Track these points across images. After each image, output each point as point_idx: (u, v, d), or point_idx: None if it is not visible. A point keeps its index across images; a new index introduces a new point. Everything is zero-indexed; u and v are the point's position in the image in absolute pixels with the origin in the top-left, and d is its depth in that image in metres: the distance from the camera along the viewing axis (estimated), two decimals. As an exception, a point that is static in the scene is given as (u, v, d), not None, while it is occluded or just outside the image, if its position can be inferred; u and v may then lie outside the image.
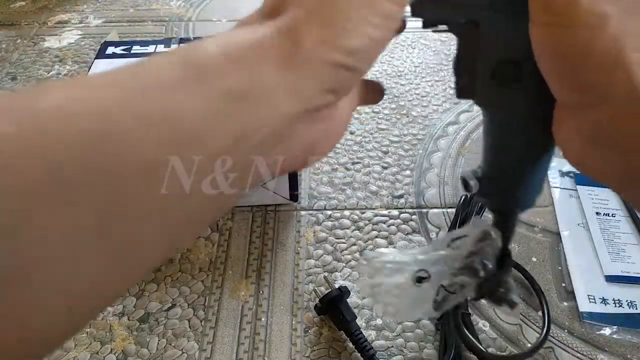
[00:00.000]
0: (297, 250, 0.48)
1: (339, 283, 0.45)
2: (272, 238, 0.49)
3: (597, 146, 0.20)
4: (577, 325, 0.42)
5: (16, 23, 0.82)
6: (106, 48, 0.62)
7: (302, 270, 0.47)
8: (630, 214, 0.50)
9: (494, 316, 0.43)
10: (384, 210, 0.52)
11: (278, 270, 0.47)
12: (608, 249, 0.47)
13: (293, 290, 0.45)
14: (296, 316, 0.43)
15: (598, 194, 0.52)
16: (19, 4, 0.87)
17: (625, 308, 0.43)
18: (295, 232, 0.50)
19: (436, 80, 0.68)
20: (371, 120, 0.62)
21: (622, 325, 0.42)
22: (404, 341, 0.41)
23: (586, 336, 0.41)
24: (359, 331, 0.39)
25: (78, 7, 0.85)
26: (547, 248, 0.48)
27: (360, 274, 0.42)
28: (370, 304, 0.44)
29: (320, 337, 0.42)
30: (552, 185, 0.53)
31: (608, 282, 0.44)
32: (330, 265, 0.47)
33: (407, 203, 0.52)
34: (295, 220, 0.51)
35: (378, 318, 0.43)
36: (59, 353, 0.40)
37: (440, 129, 0.61)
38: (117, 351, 0.41)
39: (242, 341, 0.42)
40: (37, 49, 0.76)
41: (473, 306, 0.43)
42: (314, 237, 0.49)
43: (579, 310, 0.43)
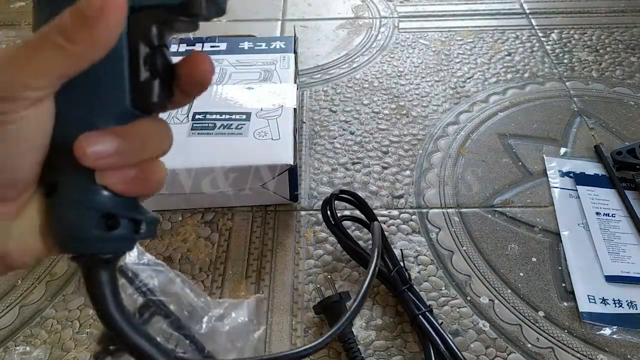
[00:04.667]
0: (297, 251, 0.48)
1: (339, 284, 0.45)
2: (272, 238, 0.49)
3: None
4: (577, 326, 0.42)
5: (16, 23, 0.82)
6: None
7: (302, 270, 0.47)
8: (630, 214, 0.50)
9: (493, 316, 0.43)
10: (384, 211, 0.52)
11: (278, 271, 0.47)
12: (608, 249, 0.47)
13: (293, 291, 0.45)
14: (296, 316, 0.43)
15: (598, 194, 0.52)
16: (18, 4, 0.87)
17: (625, 308, 0.43)
18: (295, 232, 0.50)
19: (436, 80, 0.68)
20: (371, 121, 0.62)
21: (622, 325, 0.42)
22: (403, 341, 0.41)
23: (586, 336, 0.41)
24: (353, 339, 0.39)
25: (78, 7, 0.85)
26: (547, 248, 0.48)
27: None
28: (371, 305, 0.44)
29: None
30: (552, 186, 0.53)
31: (608, 282, 0.44)
32: (330, 265, 0.47)
33: (407, 203, 0.52)
34: (295, 220, 0.51)
35: (378, 318, 0.43)
36: (59, 353, 0.40)
37: (440, 129, 0.61)
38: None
39: (242, 341, 0.42)
40: (36, 49, 0.76)
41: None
42: (314, 237, 0.49)
43: (579, 310, 0.43)
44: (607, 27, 0.76)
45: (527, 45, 0.73)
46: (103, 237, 0.20)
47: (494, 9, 0.81)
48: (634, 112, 0.62)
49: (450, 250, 0.48)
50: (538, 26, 0.77)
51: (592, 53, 0.72)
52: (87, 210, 0.20)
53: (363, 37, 0.77)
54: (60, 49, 0.16)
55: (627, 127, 0.60)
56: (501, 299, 0.44)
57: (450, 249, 0.48)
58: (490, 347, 0.41)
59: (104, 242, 0.20)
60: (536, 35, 0.76)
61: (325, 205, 0.46)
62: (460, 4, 0.82)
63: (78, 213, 0.20)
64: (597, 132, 0.60)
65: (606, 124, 0.61)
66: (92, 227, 0.20)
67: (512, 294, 0.44)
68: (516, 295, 0.44)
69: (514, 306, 0.44)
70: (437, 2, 0.83)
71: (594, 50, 0.72)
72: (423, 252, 0.48)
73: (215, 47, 0.62)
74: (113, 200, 0.20)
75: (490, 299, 0.44)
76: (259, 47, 0.62)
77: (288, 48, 0.61)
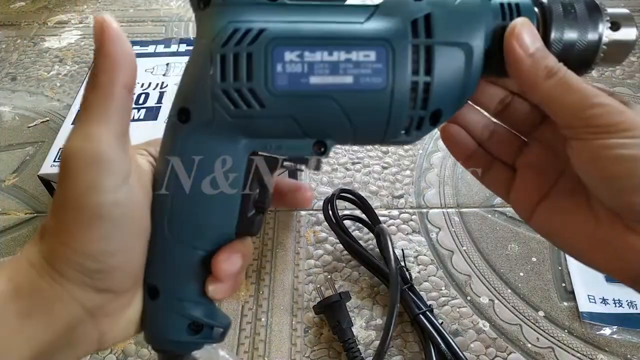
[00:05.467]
0: (297, 251, 0.48)
1: (339, 284, 0.45)
2: (272, 238, 0.49)
3: None
4: (577, 325, 0.42)
5: (16, 23, 0.82)
6: (106, 48, 0.61)
7: (302, 270, 0.47)
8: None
9: (493, 316, 0.43)
10: (384, 210, 0.52)
11: (278, 271, 0.47)
12: (608, 248, 0.47)
13: (293, 291, 0.45)
14: (296, 316, 0.43)
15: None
16: (18, 4, 0.87)
17: (625, 308, 0.43)
18: (295, 232, 0.50)
19: (436, 80, 0.68)
20: (371, 120, 0.62)
21: (622, 325, 0.42)
22: (404, 341, 0.41)
23: (586, 336, 0.41)
24: (352, 340, 0.40)
25: (78, 7, 0.85)
26: (547, 248, 0.48)
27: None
28: (371, 305, 0.44)
29: (320, 337, 0.42)
30: (552, 185, 0.53)
31: (608, 282, 0.44)
32: (330, 265, 0.47)
33: (407, 203, 0.52)
34: (295, 220, 0.51)
35: (378, 318, 0.43)
36: (59, 353, 0.40)
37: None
38: (117, 351, 0.41)
39: (242, 341, 0.42)
40: (37, 49, 0.76)
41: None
42: (314, 237, 0.49)
43: (579, 310, 0.43)
44: (607, 27, 0.76)
45: (527, 45, 0.73)
46: (190, 341, 0.24)
47: (494, 9, 0.81)
48: (634, 112, 0.62)
49: (450, 250, 0.48)
50: (538, 26, 0.77)
51: (592, 53, 0.72)
52: (183, 319, 0.23)
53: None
54: (91, 91, 0.19)
55: (627, 127, 0.60)
56: (501, 299, 0.44)
57: (450, 249, 0.48)
58: (490, 347, 0.41)
59: (189, 344, 0.24)
60: (536, 35, 0.75)
61: (327, 204, 0.46)
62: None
63: (175, 320, 0.23)
64: (597, 132, 0.60)
65: (606, 124, 0.61)
66: (184, 332, 0.23)
67: (512, 294, 0.44)
68: (516, 295, 0.44)
69: (514, 306, 0.44)
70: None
71: (594, 50, 0.72)
72: (423, 252, 0.48)
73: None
74: (202, 309, 0.24)
75: (490, 299, 0.44)
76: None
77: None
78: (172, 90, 0.55)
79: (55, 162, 0.47)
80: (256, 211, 0.24)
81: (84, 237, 0.19)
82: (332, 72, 0.20)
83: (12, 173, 0.57)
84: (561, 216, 0.24)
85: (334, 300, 0.41)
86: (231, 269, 0.22)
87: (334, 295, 0.41)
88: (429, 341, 0.38)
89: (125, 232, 0.20)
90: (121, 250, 0.21)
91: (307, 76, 0.20)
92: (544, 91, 0.21)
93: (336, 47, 0.20)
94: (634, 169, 0.19)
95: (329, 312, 0.41)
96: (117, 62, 0.19)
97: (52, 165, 0.46)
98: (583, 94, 0.20)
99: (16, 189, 0.55)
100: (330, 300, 0.41)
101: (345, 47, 0.20)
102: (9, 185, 0.55)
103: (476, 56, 0.21)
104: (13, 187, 0.55)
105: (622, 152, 0.19)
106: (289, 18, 0.21)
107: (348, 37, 0.20)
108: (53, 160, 0.47)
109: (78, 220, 0.19)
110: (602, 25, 0.22)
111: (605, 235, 0.22)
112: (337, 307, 0.41)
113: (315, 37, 0.20)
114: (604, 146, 0.20)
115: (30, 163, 0.58)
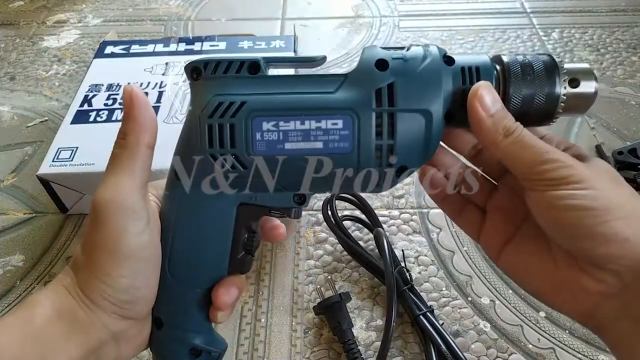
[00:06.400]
0: (297, 251, 0.48)
1: (339, 284, 0.45)
2: (272, 238, 0.49)
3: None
4: (578, 326, 0.42)
5: (15, 22, 0.82)
6: (105, 47, 0.61)
7: (302, 270, 0.46)
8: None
9: (494, 317, 0.43)
10: (384, 211, 0.51)
11: (278, 271, 0.46)
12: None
13: (293, 291, 0.45)
14: (296, 317, 0.43)
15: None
16: (17, 4, 0.86)
17: (627, 309, 0.42)
18: (295, 232, 0.50)
19: (436, 79, 0.67)
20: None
21: (623, 326, 0.41)
22: (404, 342, 0.41)
23: (587, 337, 0.41)
24: (353, 340, 0.39)
25: (77, 7, 0.85)
26: (548, 248, 0.48)
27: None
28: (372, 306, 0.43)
29: (320, 338, 0.42)
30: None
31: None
32: (330, 266, 0.47)
33: (408, 203, 0.52)
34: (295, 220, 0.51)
35: (378, 319, 0.43)
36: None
37: (440, 129, 0.61)
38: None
39: (242, 342, 0.42)
40: (35, 49, 0.76)
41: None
42: (314, 237, 0.49)
43: (580, 310, 0.43)
44: (608, 27, 0.76)
45: (528, 45, 0.73)
46: None
47: (494, 8, 0.81)
48: (635, 111, 0.62)
49: (451, 251, 0.48)
50: (539, 25, 0.77)
51: (593, 52, 0.71)
52: (183, 345, 0.27)
53: (363, 36, 0.76)
54: (120, 150, 0.24)
55: (628, 126, 0.60)
56: (502, 300, 0.44)
57: (451, 249, 0.48)
58: (491, 348, 0.41)
59: None
60: (537, 34, 0.75)
61: (326, 205, 0.46)
62: (461, 2, 0.82)
63: (177, 347, 0.27)
64: (598, 131, 0.60)
65: (607, 124, 0.60)
66: (185, 357, 0.27)
67: (513, 295, 0.44)
68: (517, 296, 0.44)
69: (515, 307, 0.43)
70: (437, 1, 0.83)
71: (595, 49, 0.72)
72: (424, 252, 0.48)
73: (215, 46, 0.61)
74: (200, 337, 0.27)
75: (491, 300, 0.44)
76: (259, 46, 0.61)
77: (288, 47, 0.61)
78: (171, 89, 0.54)
79: (54, 161, 0.46)
80: (245, 252, 0.27)
81: (117, 274, 0.23)
82: (304, 139, 0.23)
83: (10, 173, 0.57)
84: (525, 258, 0.26)
85: (334, 301, 0.40)
86: (230, 300, 0.27)
87: (334, 296, 0.41)
88: (430, 342, 0.38)
89: (148, 268, 0.25)
90: (145, 284, 0.25)
91: (282, 142, 0.23)
92: (502, 148, 0.23)
93: (307, 116, 0.23)
94: (582, 217, 0.21)
95: (329, 313, 0.41)
96: (142, 126, 0.24)
97: (51, 165, 0.46)
98: (536, 151, 0.22)
99: (15, 189, 0.55)
100: (331, 301, 0.41)
101: (315, 117, 0.23)
102: (8, 185, 0.55)
103: (435, 119, 0.23)
104: (11, 187, 0.55)
105: (571, 202, 0.21)
106: (267, 90, 0.23)
107: (318, 107, 0.23)
108: (52, 160, 0.47)
109: (111, 260, 0.23)
110: (559, 83, 0.24)
111: (564, 278, 0.23)
112: (338, 307, 0.40)
113: (289, 109, 0.23)
114: (555, 197, 0.22)
115: (28, 163, 0.58)
